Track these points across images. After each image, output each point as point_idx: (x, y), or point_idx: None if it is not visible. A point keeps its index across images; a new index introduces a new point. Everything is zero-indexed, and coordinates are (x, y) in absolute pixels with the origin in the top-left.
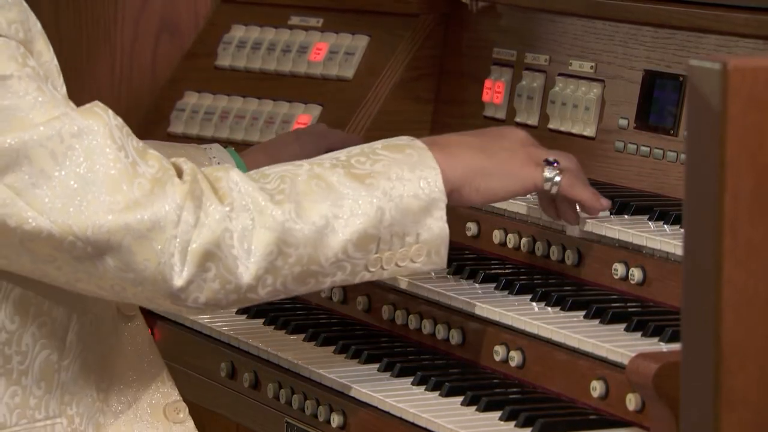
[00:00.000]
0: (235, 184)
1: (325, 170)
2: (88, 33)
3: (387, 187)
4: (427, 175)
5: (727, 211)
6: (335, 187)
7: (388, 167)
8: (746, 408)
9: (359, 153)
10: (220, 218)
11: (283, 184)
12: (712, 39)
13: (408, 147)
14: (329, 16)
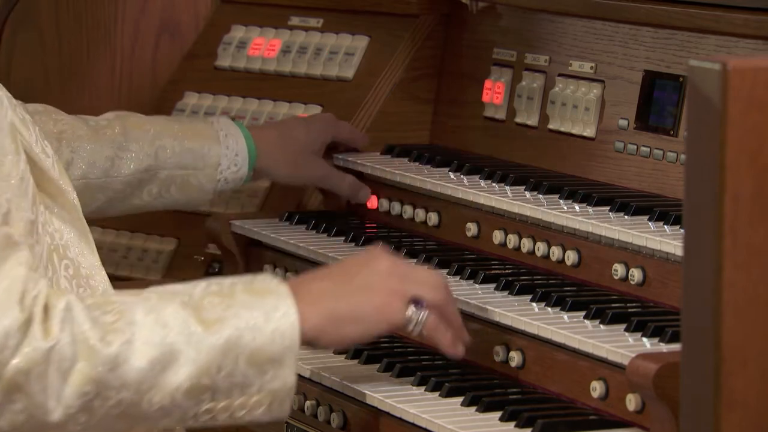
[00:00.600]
0: (70, 315)
1: (169, 310)
2: (88, 34)
3: (234, 336)
4: (282, 326)
5: (727, 212)
6: (175, 330)
7: (242, 314)
8: (746, 409)
9: (216, 292)
10: (40, 353)
11: (120, 320)
12: (712, 39)
13: (269, 293)
14: (329, 17)
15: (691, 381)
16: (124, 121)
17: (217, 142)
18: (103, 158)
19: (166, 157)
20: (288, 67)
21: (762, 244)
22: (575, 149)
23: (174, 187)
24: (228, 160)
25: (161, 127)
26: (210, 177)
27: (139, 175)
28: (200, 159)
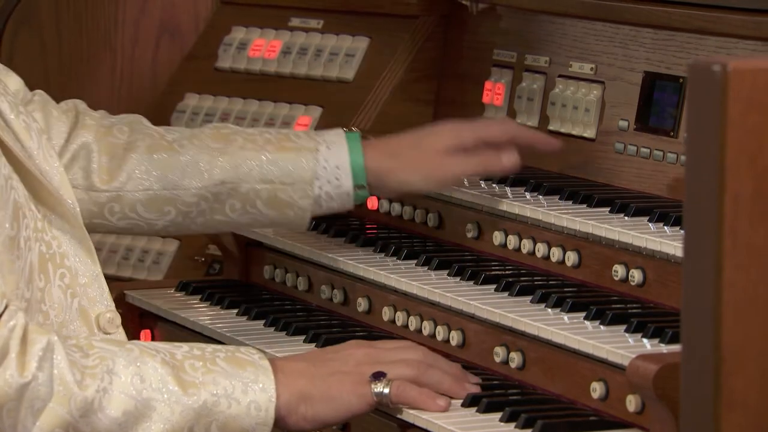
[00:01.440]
0: (50, 354)
1: (149, 365)
2: (89, 35)
3: (210, 401)
4: (259, 399)
5: (727, 213)
6: (153, 386)
7: (219, 381)
8: (746, 410)
9: (198, 356)
10: (13, 388)
11: (100, 366)
12: (711, 41)
13: (250, 365)
14: (329, 18)
15: (691, 381)
16: (197, 133)
17: (312, 155)
18: (173, 169)
19: (247, 169)
20: (288, 69)
21: (762, 245)
22: (576, 150)
23: (260, 203)
24: (327, 173)
25: (243, 138)
26: (303, 192)
27: (213, 189)
28: (289, 172)
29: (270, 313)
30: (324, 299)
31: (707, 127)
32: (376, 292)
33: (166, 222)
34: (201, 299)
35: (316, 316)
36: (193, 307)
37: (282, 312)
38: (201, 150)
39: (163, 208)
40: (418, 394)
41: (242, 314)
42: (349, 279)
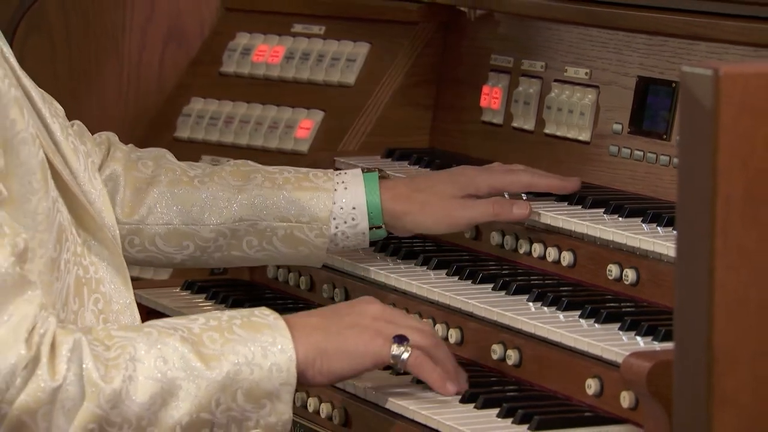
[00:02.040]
0: (76, 354)
1: (170, 345)
2: (97, 41)
3: (232, 371)
4: (280, 360)
5: (719, 215)
6: (176, 365)
7: (240, 349)
8: (738, 408)
9: (215, 327)
10: (47, 393)
11: (123, 355)
12: (703, 46)
13: (266, 327)
14: (331, 24)
15: (684, 381)
16: (218, 170)
17: (329, 195)
18: (192, 205)
19: (265, 207)
20: (291, 73)
21: (753, 247)
22: (571, 153)
23: (276, 240)
24: (344, 214)
25: (262, 176)
26: (320, 232)
27: (231, 225)
28: (305, 212)
29: (275, 309)
30: (325, 298)
31: (700, 131)
32: (376, 291)
33: (184, 256)
34: (206, 298)
35: None
36: (198, 305)
37: (284, 311)
38: (221, 187)
39: (181, 242)
40: (433, 372)
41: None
42: (350, 278)
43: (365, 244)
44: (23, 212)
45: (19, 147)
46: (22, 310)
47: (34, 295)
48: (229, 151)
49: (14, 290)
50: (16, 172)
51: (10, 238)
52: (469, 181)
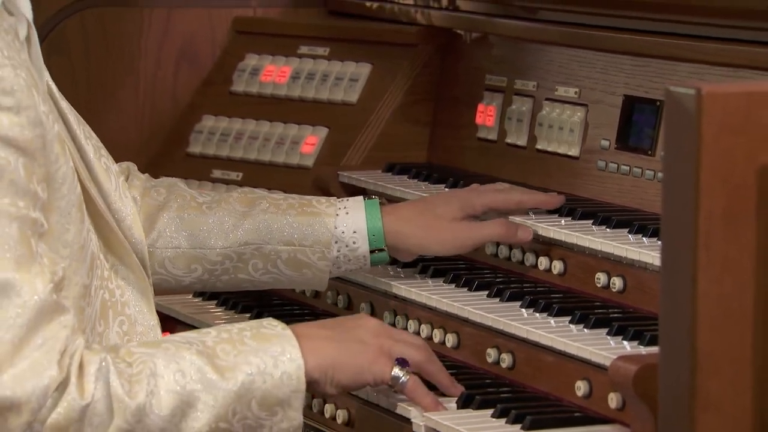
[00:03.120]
0: (103, 373)
1: (186, 359)
2: (115, 62)
3: (246, 381)
4: (290, 369)
5: (701, 228)
6: (194, 378)
7: (252, 359)
8: (720, 412)
9: (227, 339)
10: (77, 411)
11: (144, 371)
12: (685, 67)
13: (276, 337)
14: (335, 46)
15: (669, 385)
16: (226, 197)
17: (331, 219)
18: (200, 229)
19: (269, 231)
20: (297, 92)
21: (734, 259)
22: (561, 167)
23: (281, 263)
24: (345, 237)
25: (267, 202)
26: (322, 255)
27: (237, 249)
28: (308, 236)
29: (280, 317)
30: (329, 304)
31: (683, 148)
32: (377, 297)
33: (192, 279)
34: (216, 304)
35: (322, 320)
36: (209, 311)
37: (291, 316)
38: (227, 212)
39: (190, 265)
40: (426, 397)
41: (255, 318)
42: (353, 286)
43: (367, 267)
44: (62, 243)
45: (61, 181)
46: (55, 333)
47: (67, 319)
48: (239, 165)
49: (49, 316)
50: (58, 205)
51: (50, 267)
52: (466, 202)
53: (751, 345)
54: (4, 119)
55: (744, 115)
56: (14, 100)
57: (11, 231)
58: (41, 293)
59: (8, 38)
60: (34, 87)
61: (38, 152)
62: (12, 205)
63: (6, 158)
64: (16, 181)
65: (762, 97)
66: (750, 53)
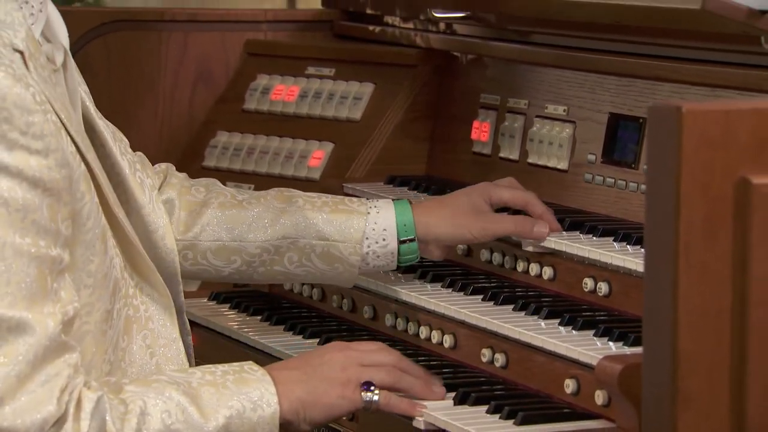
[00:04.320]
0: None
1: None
2: (135, 82)
3: (226, 423)
4: (266, 414)
5: (682, 236)
6: (179, 418)
7: (233, 404)
8: (699, 406)
9: (210, 382)
10: None
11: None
12: (666, 87)
13: (255, 382)
14: (340, 67)
15: (652, 381)
16: (264, 194)
17: (362, 217)
18: (240, 224)
19: (305, 227)
20: (305, 110)
21: (712, 265)
22: (551, 180)
23: (315, 257)
24: (375, 234)
25: (303, 200)
26: (353, 250)
27: (275, 242)
28: (341, 231)
29: (288, 319)
30: (335, 307)
31: (665, 162)
32: (379, 301)
33: (231, 270)
34: (230, 307)
35: (327, 323)
36: (223, 314)
37: (299, 318)
38: (266, 208)
39: (230, 257)
40: (401, 403)
41: (265, 320)
42: (357, 290)
43: (393, 265)
44: (86, 273)
45: (86, 217)
46: (59, 371)
47: (72, 357)
48: (251, 178)
49: (55, 354)
50: (83, 239)
51: (62, 306)
52: (485, 194)
53: (728, 346)
54: (33, 162)
55: (721, 132)
56: (43, 144)
57: (29, 270)
58: (51, 333)
59: (45, 74)
60: (66, 124)
61: (64, 192)
62: (33, 245)
63: (32, 199)
64: (39, 220)
65: (738, 115)
66: (726, 74)
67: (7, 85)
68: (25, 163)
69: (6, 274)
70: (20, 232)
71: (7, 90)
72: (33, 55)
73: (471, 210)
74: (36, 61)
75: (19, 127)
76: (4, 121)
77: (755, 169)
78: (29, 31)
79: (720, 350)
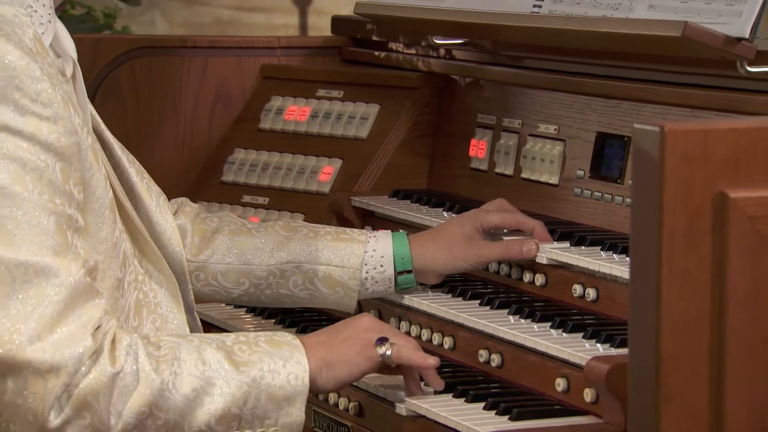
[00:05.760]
0: (133, 349)
1: (208, 351)
2: (159, 103)
3: (258, 375)
4: (296, 371)
5: (664, 246)
6: (212, 367)
7: (264, 359)
8: (681, 403)
9: (244, 341)
10: (107, 377)
11: (170, 354)
12: (650, 108)
13: (286, 344)
14: (348, 89)
15: (637, 380)
16: (272, 224)
17: (361, 245)
18: (249, 249)
19: (309, 252)
20: (316, 129)
21: (693, 271)
22: (542, 194)
23: (317, 280)
24: (373, 261)
25: (307, 229)
26: (352, 275)
27: (280, 266)
28: (341, 258)
29: (300, 322)
30: (343, 311)
31: (649, 177)
32: (384, 305)
33: (240, 291)
34: (246, 311)
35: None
36: (240, 317)
37: (310, 321)
38: (273, 235)
39: (238, 279)
40: (413, 353)
41: (279, 323)
42: None
43: (391, 291)
44: (97, 239)
45: (95, 185)
46: (90, 312)
47: (100, 302)
48: (265, 191)
49: (85, 296)
50: (93, 207)
51: (83, 256)
52: (477, 222)
53: (707, 347)
54: (44, 127)
55: (701, 149)
56: (52, 111)
57: (49, 223)
58: (76, 275)
59: (51, 71)
60: (70, 102)
61: (74, 158)
62: (50, 201)
63: (45, 161)
64: (54, 181)
65: (716, 134)
66: (705, 96)
67: (17, 56)
68: (36, 128)
69: (28, 225)
70: (38, 189)
71: (17, 61)
72: (40, 53)
73: (464, 240)
74: (43, 60)
75: (29, 94)
76: (16, 88)
77: (732, 184)
78: (36, 33)
79: (700, 351)
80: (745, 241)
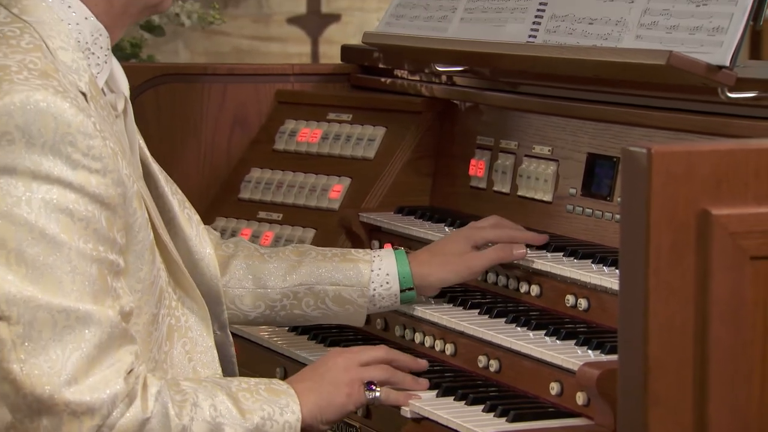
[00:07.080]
0: (161, 396)
1: (219, 398)
2: (181, 127)
3: (260, 423)
4: (291, 420)
5: (651, 260)
6: (223, 413)
7: (265, 407)
8: (667, 406)
9: (246, 389)
10: (139, 422)
11: (190, 400)
12: (637, 131)
13: (282, 393)
14: (357, 113)
15: (626, 386)
16: (283, 249)
17: (368, 264)
18: (263, 273)
19: (319, 274)
20: (326, 150)
21: (678, 283)
22: (537, 210)
23: (328, 300)
24: (380, 279)
25: (315, 252)
26: (361, 293)
27: (293, 289)
28: (350, 278)
29: (312, 329)
30: None
31: (636, 195)
32: (390, 314)
33: (257, 314)
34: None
35: (345, 333)
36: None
37: (320, 329)
38: (284, 260)
39: (255, 302)
40: (400, 396)
41: (291, 330)
42: None
43: (397, 305)
44: (136, 279)
45: (137, 230)
46: (124, 357)
47: (133, 348)
48: (280, 208)
49: (119, 341)
50: (134, 249)
51: (120, 302)
52: (470, 237)
53: (691, 353)
54: (93, 180)
55: (685, 169)
56: (102, 164)
57: (92, 270)
58: (112, 321)
59: (103, 113)
60: (120, 153)
61: (119, 207)
62: (94, 249)
63: (92, 212)
64: (99, 230)
65: (699, 155)
66: (689, 120)
67: (73, 113)
68: (86, 180)
69: (72, 273)
70: (83, 239)
71: (72, 117)
72: (94, 97)
73: (459, 255)
74: (96, 102)
75: (81, 149)
76: (69, 144)
77: (714, 202)
78: (92, 77)
79: (684, 358)
80: (726, 255)
